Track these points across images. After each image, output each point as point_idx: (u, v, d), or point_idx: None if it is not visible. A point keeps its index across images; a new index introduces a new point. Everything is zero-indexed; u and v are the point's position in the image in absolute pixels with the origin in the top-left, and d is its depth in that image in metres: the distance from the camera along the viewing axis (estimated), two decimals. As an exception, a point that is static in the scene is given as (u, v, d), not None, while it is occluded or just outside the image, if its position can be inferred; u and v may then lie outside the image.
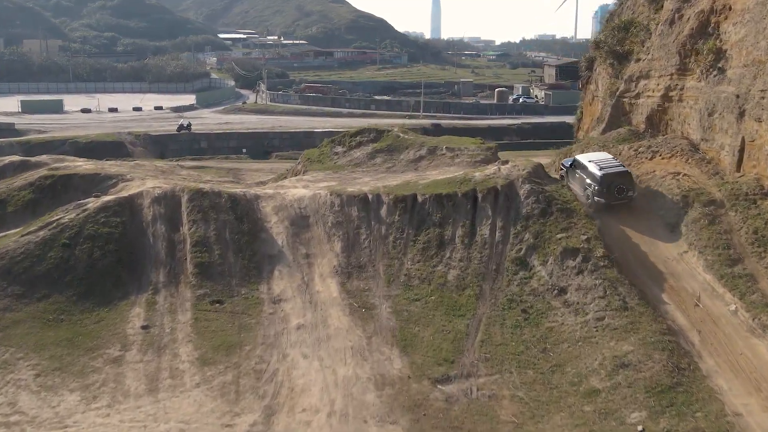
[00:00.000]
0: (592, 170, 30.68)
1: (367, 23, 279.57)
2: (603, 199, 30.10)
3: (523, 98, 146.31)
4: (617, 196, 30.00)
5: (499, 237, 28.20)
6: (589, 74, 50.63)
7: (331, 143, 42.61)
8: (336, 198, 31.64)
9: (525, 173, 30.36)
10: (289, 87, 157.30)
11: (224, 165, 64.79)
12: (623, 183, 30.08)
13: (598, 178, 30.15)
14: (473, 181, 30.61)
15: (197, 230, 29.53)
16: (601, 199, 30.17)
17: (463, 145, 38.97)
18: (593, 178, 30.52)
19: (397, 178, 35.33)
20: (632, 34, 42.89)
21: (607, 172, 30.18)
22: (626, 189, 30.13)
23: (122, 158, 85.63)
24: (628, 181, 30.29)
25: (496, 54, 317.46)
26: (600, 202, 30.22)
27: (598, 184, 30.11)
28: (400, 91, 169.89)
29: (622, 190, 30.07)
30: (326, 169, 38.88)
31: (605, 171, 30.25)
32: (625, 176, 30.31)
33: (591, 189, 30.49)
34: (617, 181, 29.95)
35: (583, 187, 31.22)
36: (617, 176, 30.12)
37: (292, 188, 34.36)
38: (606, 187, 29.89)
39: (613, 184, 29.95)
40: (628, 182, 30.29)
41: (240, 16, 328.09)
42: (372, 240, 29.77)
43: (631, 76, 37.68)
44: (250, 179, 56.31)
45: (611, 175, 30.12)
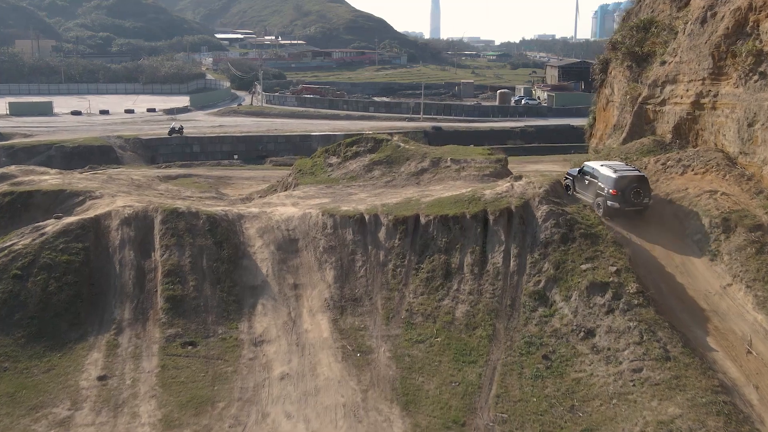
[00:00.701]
0: (605, 173, 28.49)
1: (366, 23, 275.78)
2: (617, 203, 27.72)
3: (526, 100, 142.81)
4: (633, 201, 27.68)
5: (514, 266, 24.64)
6: (603, 77, 47.11)
7: (324, 153, 39.03)
8: (328, 219, 28.08)
9: (542, 192, 26.79)
10: (286, 88, 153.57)
11: (213, 173, 61.02)
12: (639, 187, 27.82)
13: (613, 181, 27.81)
14: (483, 201, 27.05)
15: (170, 257, 25.94)
16: (615, 204, 27.86)
17: (470, 156, 35.40)
18: (607, 181, 28.14)
19: (397, 194, 31.77)
20: (653, 34, 39.44)
21: (622, 175, 27.88)
22: (642, 194, 27.85)
23: (110, 163, 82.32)
24: (644, 186, 28.04)
25: (497, 54, 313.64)
26: (614, 207, 27.92)
27: (612, 188, 27.87)
28: (400, 92, 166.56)
29: (639, 194, 27.78)
30: (319, 183, 35.31)
31: (620, 174, 27.94)
32: (642, 180, 28.09)
33: (604, 193, 28.25)
34: (633, 185, 27.74)
35: (595, 194, 28.89)
36: (633, 180, 27.96)
37: (280, 206, 30.78)
38: (621, 190, 27.66)
39: (628, 187, 27.62)
40: (644, 187, 28.02)
41: (238, 16, 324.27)
42: (369, 268, 26.21)
43: (656, 80, 34.12)
44: (240, 188, 52.76)
45: (627, 178, 27.96)
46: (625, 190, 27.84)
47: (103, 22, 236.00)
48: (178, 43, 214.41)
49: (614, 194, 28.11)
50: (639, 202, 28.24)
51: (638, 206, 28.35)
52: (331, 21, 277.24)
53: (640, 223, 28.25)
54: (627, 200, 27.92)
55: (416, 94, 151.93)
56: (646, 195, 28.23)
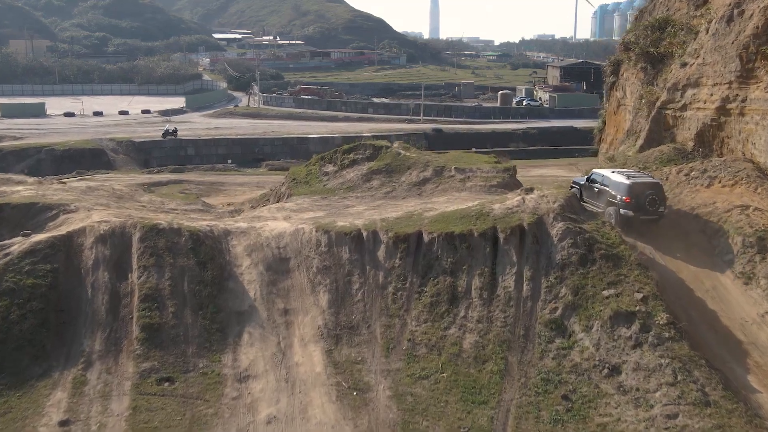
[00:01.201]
0: (617, 180, 26.88)
1: (365, 23, 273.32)
2: (631, 211, 26.07)
3: (527, 101, 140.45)
4: (648, 209, 26.01)
5: (527, 291, 22.25)
6: (614, 79, 44.79)
7: (320, 160, 36.59)
8: (323, 235, 25.67)
9: (556, 207, 24.38)
10: (283, 89, 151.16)
11: (206, 178, 58.61)
12: (655, 194, 26.00)
13: (626, 188, 26.24)
14: (492, 216, 24.64)
15: (148, 280, 23.51)
16: (629, 212, 26.11)
17: (475, 165, 33.00)
18: (619, 188, 26.60)
19: (398, 207, 29.38)
20: (669, 34, 37.12)
21: (636, 182, 26.39)
22: (658, 202, 26.06)
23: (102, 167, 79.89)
24: (659, 193, 26.29)
25: (497, 54, 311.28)
26: (627, 215, 26.15)
27: (625, 195, 26.15)
28: (399, 92, 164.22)
29: (654, 202, 26.03)
30: (314, 193, 32.91)
31: (634, 180, 26.46)
32: (657, 187, 26.43)
33: (617, 202, 26.56)
34: (648, 192, 25.92)
35: (606, 203, 27.08)
36: (648, 186, 26.26)
37: (271, 220, 28.37)
38: (635, 198, 25.99)
39: (643, 194, 25.97)
40: (659, 194, 26.26)
41: (236, 16, 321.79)
42: (367, 291, 23.82)
43: (676, 83, 31.74)
44: (233, 195, 50.41)
45: (641, 184, 26.29)
46: (639, 197, 26.04)
47: (100, 21, 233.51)
48: (175, 43, 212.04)
49: (628, 202, 26.25)
50: (654, 211, 26.36)
51: (653, 215, 26.48)
52: (329, 21, 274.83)
53: (663, 239, 25.93)
54: (642, 208, 26.07)
55: (416, 94, 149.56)
56: (661, 203, 26.44)
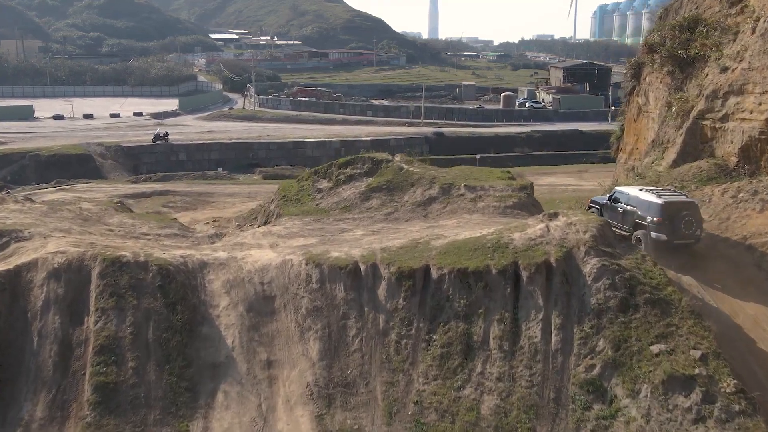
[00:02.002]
0: (647, 199, 23.40)
1: (364, 23, 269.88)
2: (665, 235, 22.60)
3: (530, 103, 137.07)
4: (684, 232, 22.62)
5: (557, 343, 18.59)
6: (635, 84, 41.10)
7: (313, 175, 32.93)
8: (314, 269, 22.00)
9: (588, 238, 20.71)
10: (280, 90, 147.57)
11: (194, 188, 55.07)
12: (691, 215, 22.68)
13: (658, 208, 22.77)
14: (512, 249, 20.97)
15: (107, 326, 19.86)
16: (661, 236, 22.64)
17: (487, 182, 29.31)
18: (649, 208, 23.08)
19: (401, 231, 25.73)
20: (701, 34, 33.45)
21: (669, 200, 22.98)
22: (695, 224, 22.74)
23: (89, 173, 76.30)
24: (696, 214, 22.92)
25: (497, 55, 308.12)
26: (660, 239, 22.65)
27: (658, 216, 22.68)
28: (399, 94, 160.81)
29: (691, 224, 22.64)
30: (305, 214, 29.24)
31: (666, 199, 23.04)
32: (693, 207, 23.02)
33: (647, 223, 23.00)
34: (684, 212, 22.60)
35: (632, 225, 23.58)
36: (683, 206, 22.86)
37: (255, 248, 24.70)
38: (669, 219, 22.53)
39: (678, 215, 22.54)
40: (696, 215, 22.89)
41: (234, 16, 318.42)
42: (365, 338, 20.19)
43: (715, 91, 28.09)
44: (221, 208, 46.83)
45: (675, 204, 22.88)
46: (674, 218, 22.57)
47: (94, 21, 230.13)
48: (170, 44, 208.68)
49: (660, 224, 22.74)
50: (691, 234, 22.90)
51: (690, 239, 23.04)
52: (328, 21, 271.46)
53: (711, 273, 22.26)
54: (676, 231, 22.59)
55: (416, 96, 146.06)
56: (698, 225, 22.99)
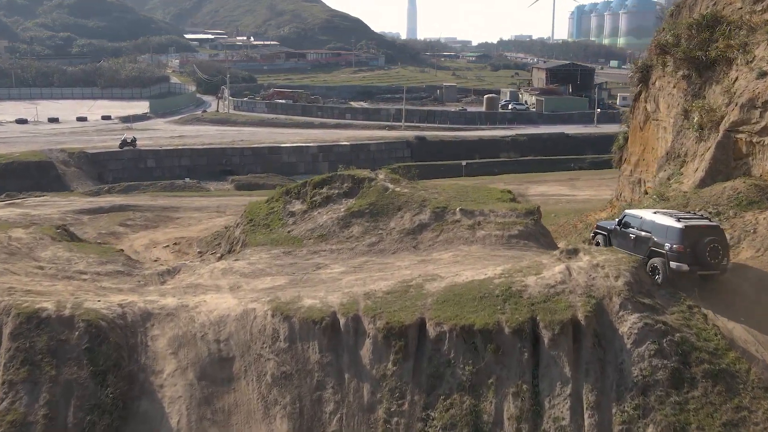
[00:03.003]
0: (664, 223, 19.90)
1: (342, 23, 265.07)
2: (686, 265, 18.93)
3: (513, 104, 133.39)
4: (709, 261, 18.97)
5: (591, 426, 14.54)
6: (642, 88, 37.25)
7: (285, 195, 28.62)
8: (282, 323, 17.80)
9: (622, 286, 16.73)
10: (256, 92, 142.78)
11: (158, 201, 50.38)
12: (716, 241, 19.14)
13: (678, 234, 19.20)
14: (527, 298, 16.92)
15: (13, 406, 15.55)
16: (683, 265, 18.94)
17: (486, 205, 25.19)
18: (669, 234, 19.46)
19: (387, 268, 21.59)
20: (722, 34, 29.59)
21: (690, 225, 19.43)
22: (721, 251, 19.12)
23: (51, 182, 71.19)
24: (722, 240, 19.46)
25: (476, 55, 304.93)
26: (681, 269, 18.92)
27: (678, 243, 19.04)
28: (378, 96, 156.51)
29: (716, 252, 19.05)
30: (274, 244, 24.99)
31: (687, 223, 19.48)
32: (718, 232, 19.61)
33: (665, 251, 19.26)
34: (708, 239, 19.04)
35: (647, 253, 19.87)
36: (707, 231, 19.37)
37: (212, 292, 20.42)
38: (691, 246, 18.97)
39: (701, 241, 18.99)
40: (722, 242, 19.41)
41: (209, 16, 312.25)
42: (346, 416, 16.04)
43: (752, 99, 24.19)
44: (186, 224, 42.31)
45: (697, 228, 19.35)
46: (696, 245, 18.96)
47: (65, 21, 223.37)
48: (143, 44, 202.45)
49: (681, 252, 18.99)
50: (717, 264, 19.14)
51: (715, 269, 19.26)
52: (306, 21, 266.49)
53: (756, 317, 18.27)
54: (700, 260, 18.95)
55: (396, 98, 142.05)
56: (724, 253, 19.31)
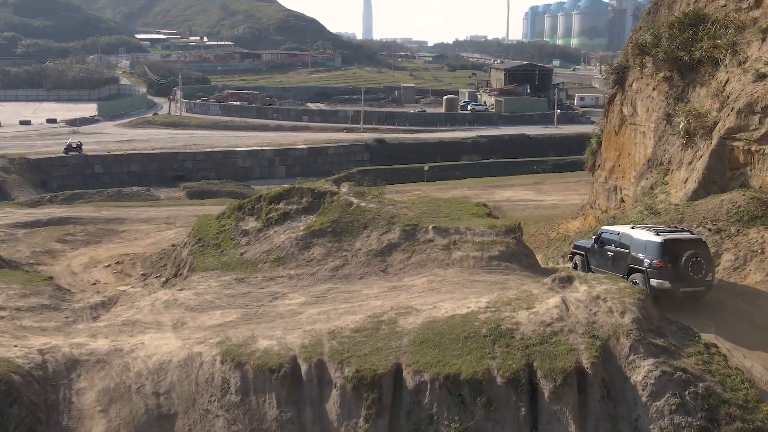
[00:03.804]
0: (642, 237, 19.05)
1: (298, 23, 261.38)
2: (668, 281, 18.08)
3: (472, 105, 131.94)
4: (692, 277, 18.00)
5: (606, 499, 12.19)
6: (617, 90, 35.35)
7: (237, 211, 25.81)
8: (233, 371, 15.12)
9: (629, 323, 14.43)
10: (210, 94, 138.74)
11: (102, 212, 46.88)
12: (699, 255, 18.17)
13: (657, 248, 18.38)
14: (519, 339, 14.54)
15: None
16: (664, 282, 18.09)
17: (462, 222, 22.73)
18: (648, 249, 18.65)
19: (354, 297, 19.03)
20: (707, 33, 27.72)
21: (669, 238, 18.57)
22: (704, 266, 18.11)
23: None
24: (705, 254, 18.49)
25: (433, 55, 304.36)
26: (663, 287, 18.05)
27: (657, 258, 18.23)
28: (335, 97, 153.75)
29: (699, 266, 18.00)
30: (225, 269, 22.20)
31: (666, 236, 18.63)
32: (700, 246, 18.68)
33: (644, 268, 18.53)
34: (690, 253, 18.07)
35: (626, 271, 19.16)
36: (688, 244, 18.45)
37: (152, 330, 17.61)
38: (671, 261, 18.12)
39: (682, 256, 18.06)
40: (705, 256, 18.44)
41: (161, 16, 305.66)
42: (310, 486, 13.41)
43: (750, 104, 22.21)
44: (132, 238, 39.11)
45: (678, 242, 18.48)
46: (678, 260, 17.98)
47: (9, 20, 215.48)
48: (92, 44, 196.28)
49: (662, 268, 18.01)
50: (700, 279, 17.99)
51: (699, 285, 18.12)
52: (260, 21, 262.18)
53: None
54: (682, 276, 17.99)
55: (353, 99, 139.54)
56: (708, 268, 18.12)
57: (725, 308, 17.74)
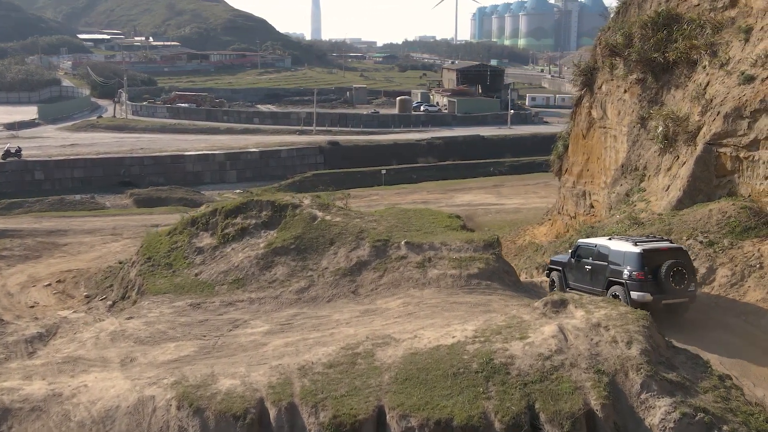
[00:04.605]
0: (620, 248, 18.34)
1: (246, 23, 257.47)
2: (649, 293, 17.38)
3: (425, 106, 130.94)
4: (674, 288, 17.29)
5: None
6: (585, 92, 34.23)
7: (190, 226, 23.78)
8: (191, 419, 13.23)
9: (637, 355, 12.98)
10: (157, 96, 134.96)
11: (42, 224, 44.16)
12: (680, 264, 17.44)
13: (637, 258, 17.69)
14: (516, 375, 12.97)
15: None
16: (645, 294, 17.36)
17: (436, 236, 21.12)
18: (627, 260, 17.94)
19: (323, 324, 17.24)
20: (683, 34, 26.66)
21: (649, 248, 17.85)
22: (687, 276, 17.42)
23: None
24: (687, 264, 17.77)
25: (383, 56, 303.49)
26: (644, 300, 17.22)
27: (637, 269, 17.55)
28: (286, 98, 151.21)
29: (681, 276, 17.28)
30: (179, 292, 20.21)
31: (645, 246, 17.93)
32: (681, 255, 17.97)
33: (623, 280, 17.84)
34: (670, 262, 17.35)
35: (605, 284, 18.46)
36: (668, 254, 17.73)
37: (97, 368, 15.55)
38: (652, 271, 17.43)
39: (664, 266, 17.33)
40: (687, 265, 17.71)
41: (104, 15, 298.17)
42: None
43: (738, 108, 21.06)
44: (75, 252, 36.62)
45: (657, 252, 17.76)
46: (658, 270, 17.30)
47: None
48: (32, 44, 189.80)
49: (642, 279, 17.27)
50: (683, 290, 17.22)
51: (682, 296, 17.58)
52: (207, 21, 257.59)
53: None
54: (664, 287, 17.32)
55: (305, 101, 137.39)
56: (690, 278, 17.35)
57: (727, 329, 16.49)
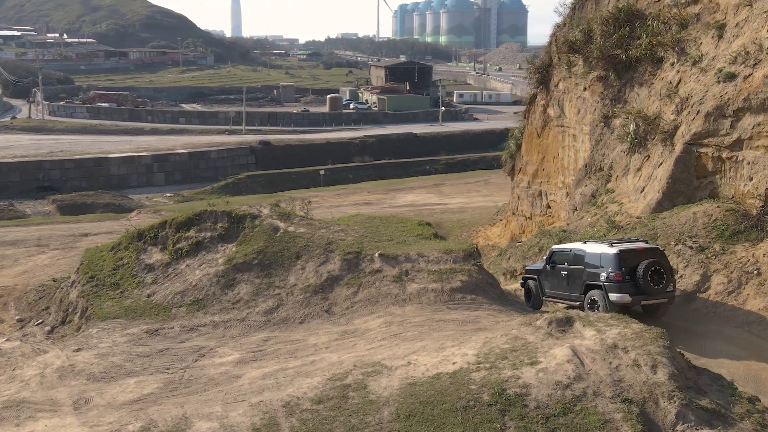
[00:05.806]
0: (595, 251, 18.00)
1: (166, 20, 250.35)
2: (628, 294, 17.13)
3: (355, 104, 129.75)
4: (652, 288, 17.02)
5: None
6: (540, 90, 33.40)
7: (137, 240, 21.64)
8: (166, 473, 11.39)
9: (668, 381, 11.86)
10: (75, 95, 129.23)
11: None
12: (657, 264, 17.13)
13: (613, 260, 17.37)
14: (534, 407, 11.68)
15: None
16: (624, 296, 17.14)
17: (412, 248, 19.63)
18: (603, 262, 17.61)
19: (300, 350, 15.59)
20: (646, 30, 26.01)
21: (625, 248, 17.59)
22: (665, 276, 17.10)
23: None
24: (664, 264, 17.43)
25: (307, 53, 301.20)
26: (623, 302, 17.10)
27: (614, 270, 17.26)
28: (211, 97, 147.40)
29: (659, 276, 16.97)
30: (131, 316, 18.17)
31: (621, 247, 17.66)
32: (658, 254, 17.66)
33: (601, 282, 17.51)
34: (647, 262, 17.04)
35: (582, 288, 18.11)
36: (645, 254, 17.42)
37: (46, 414, 13.48)
38: (629, 272, 17.19)
39: (641, 266, 17.09)
40: (664, 265, 17.37)
41: (14, 11, 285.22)
42: None
43: (720, 107, 20.28)
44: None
45: (633, 252, 17.47)
46: (635, 271, 17.06)
47: None
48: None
49: (620, 280, 17.19)
50: (661, 290, 17.13)
51: (661, 296, 17.32)
52: (125, 17, 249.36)
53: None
54: (642, 288, 17.04)
55: (231, 99, 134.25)
56: (669, 278, 17.02)
57: (731, 341, 15.65)
